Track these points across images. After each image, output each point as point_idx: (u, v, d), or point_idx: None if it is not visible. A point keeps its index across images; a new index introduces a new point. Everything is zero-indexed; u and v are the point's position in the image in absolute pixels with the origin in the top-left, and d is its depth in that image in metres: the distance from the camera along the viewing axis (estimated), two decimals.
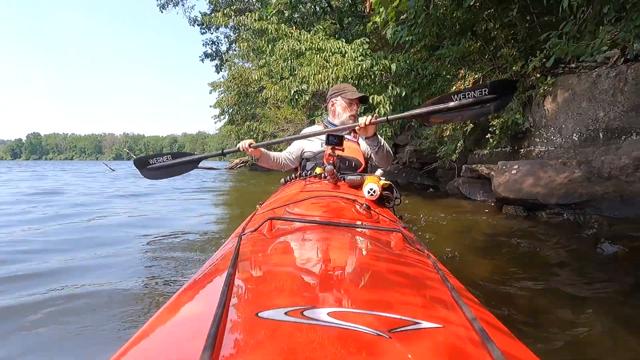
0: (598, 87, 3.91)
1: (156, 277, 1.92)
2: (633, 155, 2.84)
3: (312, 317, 0.43)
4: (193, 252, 2.42)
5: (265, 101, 12.12)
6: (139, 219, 3.76)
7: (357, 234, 0.94)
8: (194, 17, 21.08)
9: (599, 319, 1.40)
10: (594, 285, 1.78)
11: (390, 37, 5.29)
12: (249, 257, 0.75)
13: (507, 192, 3.66)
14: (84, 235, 2.91)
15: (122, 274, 1.93)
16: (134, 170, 2.37)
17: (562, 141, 4.23)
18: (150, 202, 5.26)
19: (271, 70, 7.81)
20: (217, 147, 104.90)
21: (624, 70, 3.75)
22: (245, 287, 0.56)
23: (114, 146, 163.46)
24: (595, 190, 3.01)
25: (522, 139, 4.77)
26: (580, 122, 4.03)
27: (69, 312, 1.48)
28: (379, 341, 0.39)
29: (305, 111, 10.34)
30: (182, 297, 0.59)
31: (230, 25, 16.61)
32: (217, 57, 23.90)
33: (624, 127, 3.62)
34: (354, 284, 0.60)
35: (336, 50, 6.63)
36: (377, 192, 1.44)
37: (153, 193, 6.40)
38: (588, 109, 3.97)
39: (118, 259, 2.21)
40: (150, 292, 1.70)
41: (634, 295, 1.65)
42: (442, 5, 4.70)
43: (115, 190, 7.01)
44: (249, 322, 0.43)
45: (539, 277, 1.87)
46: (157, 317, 0.52)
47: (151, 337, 0.46)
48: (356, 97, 2.18)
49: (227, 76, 17.15)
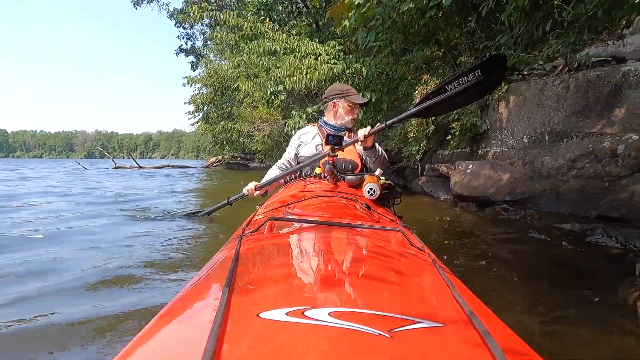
0: (545, 93, 4.27)
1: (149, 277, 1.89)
2: (567, 157, 3.17)
3: (313, 317, 0.44)
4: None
5: (241, 100, 12.21)
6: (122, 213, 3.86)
7: (357, 234, 0.95)
8: (171, 11, 20.86)
9: (517, 289, 1.66)
10: (520, 264, 2.09)
11: (360, 42, 5.56)
12: (250, 258, 0.76)
13: (461, 190, 3.96)
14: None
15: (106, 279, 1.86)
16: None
17: (514, 143, 4.58)
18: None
19: (247, 68, 7.94)
20: (194, 145, 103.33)
21: (567, 79, 4.11)
22: (246, 288, 0.57)
23: (85, 144, 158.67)
24: (536, 188, 3.34)
25: (480, 140, 5.12)
26: (529, 126, 4.38)
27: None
28: (380, 340, 0.40)
29: (280, 111, 10.52)
30: (184, 299, 0.60)
31: (206, 22, 16.54)
32: (192, 52, 23.69)
33: (566, 131, 3.98)
34: (355, 283, 0.61)
35: (310, 52, 6.84)
36: (377, 191, 1.45)
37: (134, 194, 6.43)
38: (536, 113, 4.32)
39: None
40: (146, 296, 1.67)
41: (551, 271, 1.95)
42: (407, 13, 4.97)
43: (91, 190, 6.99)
44: (251, 322, 0.44)
45: (477, 259, 2.15)
46: (158, 318, 0.53)
47: (153, 339, 0.47)
48: (361, 102, 2.17)
49: (203, 73, 17.08)
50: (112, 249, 2.33)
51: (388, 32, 5.31)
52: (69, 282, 1.78)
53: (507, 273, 1.95)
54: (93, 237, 2.68)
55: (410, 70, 5.49)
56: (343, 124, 2.15)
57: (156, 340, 0.46)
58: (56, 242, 2.49)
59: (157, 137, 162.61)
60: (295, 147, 2.28)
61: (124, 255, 2.19)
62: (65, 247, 2.38)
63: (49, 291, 1.67)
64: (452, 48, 5.17)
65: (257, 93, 8.02)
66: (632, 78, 3.55)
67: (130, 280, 1.81)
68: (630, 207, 2.52)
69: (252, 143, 14.23)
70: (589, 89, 3.86)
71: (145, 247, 2.36)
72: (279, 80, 7.00)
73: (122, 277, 1.84)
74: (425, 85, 4.97)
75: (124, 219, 3.45)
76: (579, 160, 3.07)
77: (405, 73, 5.57)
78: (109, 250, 2.28)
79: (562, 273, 1.98)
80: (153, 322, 0.52)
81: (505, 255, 2.30)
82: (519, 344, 0.47)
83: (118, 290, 1.71)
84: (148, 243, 2.48)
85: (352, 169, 2.00)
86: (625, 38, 3.80)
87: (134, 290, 1.72)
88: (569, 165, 3.14)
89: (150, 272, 1.94)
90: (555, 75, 4.38)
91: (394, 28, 5.14)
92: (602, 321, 1.37)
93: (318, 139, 2.17)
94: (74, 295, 1.65)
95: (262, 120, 11.80)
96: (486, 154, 4.99)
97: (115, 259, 2.12)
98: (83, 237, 2.68)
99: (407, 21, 5.15)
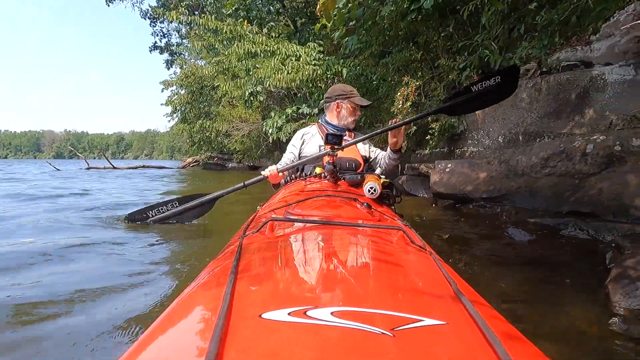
0: (519, 95, 4.46)
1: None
2: (540, 155, 3.34)
3: (316, 317, 0.44)
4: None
5: (219, 99, 12.13)
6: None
7: (358, 233, 0.95)
8: (145, 10, 20.45)
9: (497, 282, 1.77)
10: (497, 256, 2.21)
11: (342, 45, 5.64)
12: (251, 258, 0.76)
13: (441, 188, 4.10)
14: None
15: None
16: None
17: (490, 143, 4.77)
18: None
19: (226, 69, 7.93)
20: (169, 146, 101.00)
21: (539, 82, 4.31)
22: (248, 288, 0.57)
23: (54, 144, 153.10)
24: (511, 185, 3.50)
25: (458, 140, 5.29)
26: (504, 127, 4.57)
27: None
28: (383, 339, 0.40)
29: (260, 111, 10.51)
30: (186, 301, 0.61)
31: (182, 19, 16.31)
32: (167, 50, 23.28)
33: (538, 131, 4.18)
34: (357, 282, 0.61)
35: (291, 54, 6.89)
36: (378, 190, 1.44)
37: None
38: (511, 114, 4.52)
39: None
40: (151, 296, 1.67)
41: (527, 262, 2.07)
42: (388, 16, 5.09)
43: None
44: (253, 323, 0.44)
45: (456, 253, 2.25)
46: (161, 321, 0.53)
47: (156, 341, 0.47)
48: (364, 105, 2.17)
49: (180, 73, 16.87)
50: (104, 253, 2.28)
51: (368, 34, 5.42)
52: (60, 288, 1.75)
53: (484, 264, 2.06)
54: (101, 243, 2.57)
55: (390, 72, 5.62)
56: (345, 125, 2.17)
57: (159, 342, 0.46)
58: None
59: (129, 138, 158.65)
60: (298, 146, 2.27)
61: (118, 259, 2.15)
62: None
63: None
64: (430, 51, 5.32)
65: (236, 92, 7.99)
66: (598, 82, 3.77)
67: (125, 284, 1.78)
68: (598, 203, 2.69)
69: (230, 143, 14.15)
70: (559, 91, 4.07)
71: (137, 250, 2.33)
72: (259, 81, 7.02)
73: (119, 282, 1.81)
74: (406, 86, 5.10)
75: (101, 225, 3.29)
76: (551, 159, 3.24)
77: (385, 74, 5.70)
78: (102, 255, 2.23)
79: (537, 263, 2.11)
80: (156, 324, 0.52)
81: (482, 248, 2.43)
82: (523, 342, 0.47)
83: (113, 295, 1.69)
84: (138, 246, 2.45)
85: (355, 168, 2.00)
86: (592, 44, 4.02)
87: (130, 293, 1.70)
88: (542, 164, 3.31)
89: (148, 273, 1.93)
90: (528, 78, 4.58)
91: (374, 30, 5.25)
92: (578, 305, 1.48)
93: (319, 138, 2.18)
94: (68, 299, 1.62)
95: (241, 120, 11.75)
96: (463, 153, 5.17)
97: (110, 263, 2.09)
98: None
99: (388, 24, 5.27)
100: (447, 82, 4.99)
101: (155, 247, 2.36)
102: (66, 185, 7.50)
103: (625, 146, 2.83)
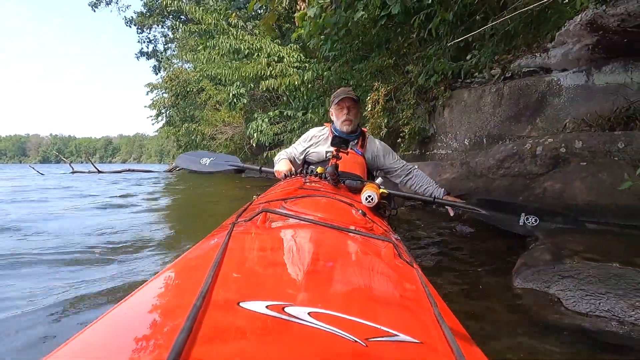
0: (483, 100, 4.66)
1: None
2: (496, 157, 3.51)
3: (292, 315, 0.44)
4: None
5: (204, 103, 12.21)
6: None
7: (349, 239, 0.95)
8: (130, 18, 20.40)
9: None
10: (449, 253, 2.38)
11: (318, 50, 5.81)
12: (239, 246, 0.75)
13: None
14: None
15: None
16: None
17: (457, 145, 4.95)
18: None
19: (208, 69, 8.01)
20: (157, 149, 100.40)
21: (502, 87, 4.51)
22: (230, 275, 0.57)
23: (40, 148, 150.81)
24: (470, 185, 3.67)
25: (428, 143, 5.47)
26: (470, 130, 4.76)
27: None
28: (355, 347, 0.40)
29: (243, 114, 10.62)
30: (167, 277, 0.60)
31: (168, 24, 16.35)
32: (154, 56, 23.24)
33: (500, 134, 4.38)
34: (339, 287, 0.61)
35: (273, 53, 7.03)
36: (375, 199, 1.43)
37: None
38: (476, 118, 4.71)
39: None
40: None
41: (471, 254, 2.24)
42: (360, 22, 5.26)
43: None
44: (230, 310, 0.44)
45: (418, 247, 2.43)
46: (135, 295, 0.52)
47: (127, 314, 0.47)
48: (343, 98, 2.09)
49: (164, 76, 16.90)
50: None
51: (343, 41, 5.59)
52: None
53: (427, 254, 2.25)
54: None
55: (364, 77, 5.79)
56: (343, 129, 2.14)
57: (130, 315, 0.46)
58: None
59: (117, 141, 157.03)
60: (306, 146, 2.24)
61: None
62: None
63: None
64: (402, 57, 5.50)
65: (219, 95, 8.11)
66: (554, 87, 3.98)
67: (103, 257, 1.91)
68: (543, 201, 2.87)
69: (215, 146, 14.23)
70: (519, 96, 4.27)
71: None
72: (248, 80, 7.12)
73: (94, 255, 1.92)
74: (377, 91, 5.27)
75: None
76: (506, 160, 3.42)
77: (360, 80, 5.87)
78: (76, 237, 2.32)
79: (474, 252, 2.30)
80: (128, 298, 0.51)
81: (428, 242, 2.65)
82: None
83: (89, 266, 1.79)
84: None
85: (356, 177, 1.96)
86: (549, 51, 4.23)
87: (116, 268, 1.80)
88: (498, 165, 3.49)
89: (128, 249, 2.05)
90: (492, 84, 4.78)
91: (347, 37, 5.42)
92: (491, 287, 1.66)
93: (328, 142, 2.12)
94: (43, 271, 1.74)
95: (225, 124, 11.84)
96: (434, 155, 5.35)
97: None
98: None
99: (361, 30, 5.44)
100: (417, 87, 5.16)
101: (145, 225, 2.45)
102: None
103: (570, 148, 3.01)
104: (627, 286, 1.42)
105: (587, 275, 1.52)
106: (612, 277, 1.46)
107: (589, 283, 1.49)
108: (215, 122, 12.18)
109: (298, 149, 2.27)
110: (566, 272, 1.59)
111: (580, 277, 1.53)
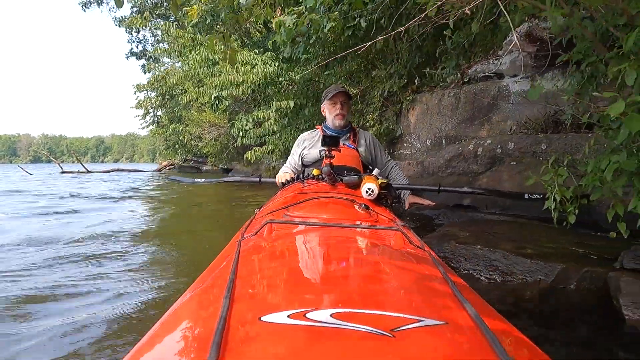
0: (443, 103, 4.96)
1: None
2: (445, 157, 3.82)
3: (315, 319, 0.43)
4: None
5: (189, 104, 12.44)
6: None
7: (356, 234, 0.95)
8: (120, 17, 20.50)
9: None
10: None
11: (291, 55, 6.06)
12: (250, 261, 0.75)
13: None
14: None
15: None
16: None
17: (420, 146, 5.26)
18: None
19: (191, 74, 8.26)
20: (149, 149, 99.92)
21: (459, 92, 4.82)
22: (247, 292, 0.57)
23: (31, 148, 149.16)
24: (424, 182, 3.97)
25: (396, 143, 5.78)
26: (431, 131, 5.06)
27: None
28: (384, 340, 0.40)
29: (227, 115, 10.86)
30: (186, 304, 0.60)
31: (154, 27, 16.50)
32: (144, 56, 23.33)
33: (457, 135, 4.68)
34: (356, 284, 0.61)
35: (247, 62, 7.27)
36: (375, 191, 1.44)
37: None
38: (436, 120, 5.01)
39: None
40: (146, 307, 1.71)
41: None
42: (330, 31, 5.54)
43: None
44: (253, 326, 0.44)
45: None
46: (160, 326, 0.53)
47: (156, 347, 0.47)
48: (336, 92, 2.11)
49: (150, 77, 17.08)
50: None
51: (314, 46, 5.86)
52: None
53: None
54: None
55: (334, 81, 6.07)
56: (335, 125, 2.19)
57: (159, 346, 0.47)
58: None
59: (109, 141, 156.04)
60: (299, 151, 2.30)
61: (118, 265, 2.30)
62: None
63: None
64: (369, 62, 5.79)
65: (201, 98, 8.35)
66: (504, 91, 4.28)
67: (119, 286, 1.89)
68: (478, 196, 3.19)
69: (202, 145, 14.47)
70: (474, 100, 4.57)
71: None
72: (220, 87, 7.37)
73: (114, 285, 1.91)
74: None
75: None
76: (453, 160, 3.73)
77: (331, 83, 6.16)
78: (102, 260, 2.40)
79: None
80: (156, 328, 0.52)
81: None
82: (521, 340, 0.48)
83: (109, 299, 1.77)
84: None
85: (352, 171, 1.97)
86: (500, 58, 4.54)
87: (130, 298, 1.74)
88: (447, 164, 3.80)
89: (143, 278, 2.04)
90: (451, 88, 5.09)
91: (319, 44, 5.70)
92: None
93: (320, 142, 2.15)
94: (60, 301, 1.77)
95: (211, 124, 12.08)
96: (400, 155, 5.65)
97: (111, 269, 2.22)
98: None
99: (332, 37, 5.71)
100: (382, 90, 5.46)
101: (155, 253, 2.58)
102: None
103: (504, 149, 3.32)
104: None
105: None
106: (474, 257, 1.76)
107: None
108: (201, 123, 12.43)
109: (294, 156, 2.33)
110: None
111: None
